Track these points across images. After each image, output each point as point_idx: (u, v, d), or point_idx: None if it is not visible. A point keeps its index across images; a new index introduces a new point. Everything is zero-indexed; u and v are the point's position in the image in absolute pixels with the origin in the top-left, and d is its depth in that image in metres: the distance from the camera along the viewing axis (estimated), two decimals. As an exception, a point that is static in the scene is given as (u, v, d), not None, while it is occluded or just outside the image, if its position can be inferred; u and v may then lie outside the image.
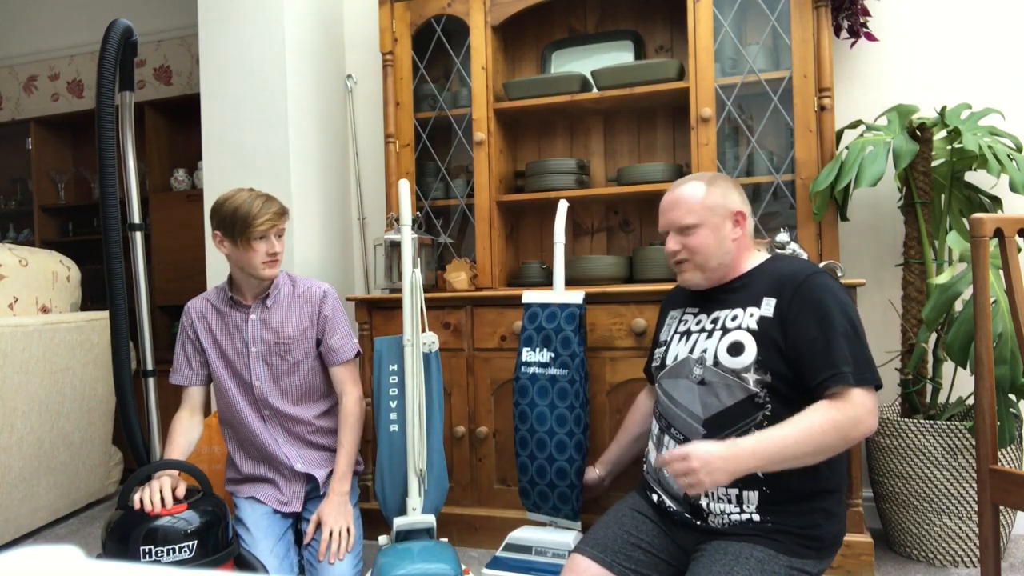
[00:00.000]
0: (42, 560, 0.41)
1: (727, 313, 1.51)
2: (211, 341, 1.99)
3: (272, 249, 1.89)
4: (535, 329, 2.03)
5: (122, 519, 1.64)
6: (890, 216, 2.40)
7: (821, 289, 1.42)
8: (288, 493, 1.97)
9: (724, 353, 1.45)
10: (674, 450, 1.31)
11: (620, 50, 2.60)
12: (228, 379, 1.97)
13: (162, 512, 1.62)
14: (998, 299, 1.73)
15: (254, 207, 1.87)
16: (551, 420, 1.97)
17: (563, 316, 1.99)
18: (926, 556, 2.08)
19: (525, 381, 2.01)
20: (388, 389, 1.93)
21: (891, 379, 2.30)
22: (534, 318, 2.04)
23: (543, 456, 1.97)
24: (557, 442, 1.95)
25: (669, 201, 1.57)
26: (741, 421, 1.42)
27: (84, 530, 2.66)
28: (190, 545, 1.61)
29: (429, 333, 1.90)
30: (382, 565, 1.68)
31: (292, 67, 2.56)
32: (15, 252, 2.64)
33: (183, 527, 1.62)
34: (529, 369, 2.01)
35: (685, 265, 1.55)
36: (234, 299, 1.98)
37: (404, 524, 1.83)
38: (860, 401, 1.33)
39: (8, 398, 2.39)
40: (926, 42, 2.40)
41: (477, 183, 2.48)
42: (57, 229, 4.05)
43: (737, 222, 1.54)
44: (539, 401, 1.99)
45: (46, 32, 4.20)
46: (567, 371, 1.96)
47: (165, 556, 1.58)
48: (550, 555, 1.85)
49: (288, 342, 1.96)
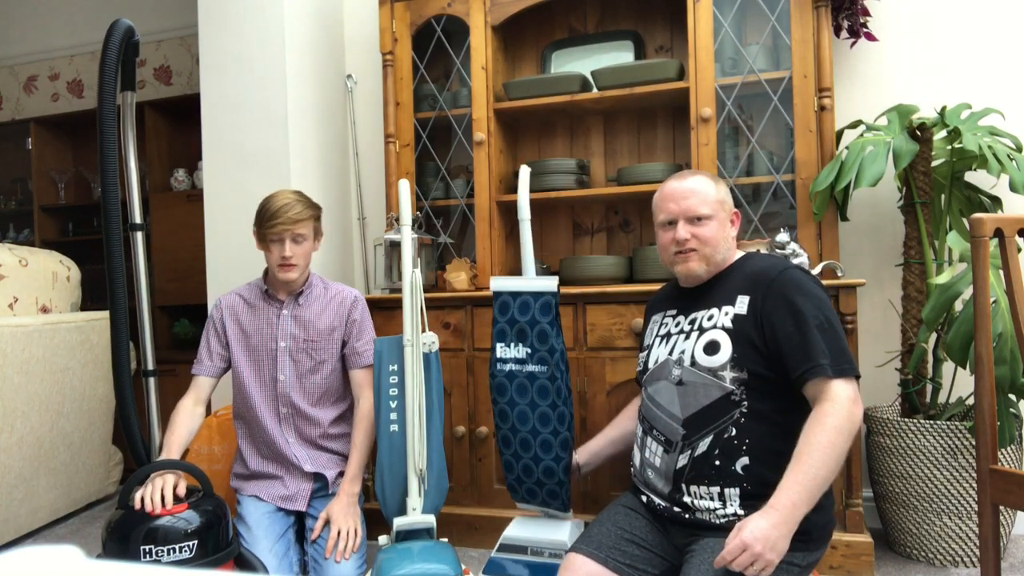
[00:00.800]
0: (42, 560, 0.41)
1: (703, 313, 1.53)
2: (239, 335, 2.01)
3: (283, 253, 1.91)
4: (507, 322, 1.88)
5: (122, 519, 1.64)
6: (890, 216, 2.40)
7: (794, 284, 1.43)
8: (294, 489, 1.97)
9: (700, 352, 1.47)
10: (730, 546, 1.27)
11: (620, 50, 2.60)
12: (249, 374, 1.99)
13: (162, 512, 1.62)
14: (998, 299, 1.73)
15: (274, 207, 1.91)
16: (533, 419, 1.85)
17: (537, 306, 1.85)
18: (926, 556, 2.08)
19: (502, 379, 1.88)
20: (388, 389, 1.93)
21: (891, 379, 2.30)
22: (505, 309, 1.89)
23: (528, 456, 1.87)
24: (542, 441, 1.85)
25: (681, 190, 1.56)
26: (719, 419, 1.44)
27: (84, 530, 2.66)
28: (190, 545, 1.61)
29: (429, 333, 1.90)
30: (382, 564, 1.68)
31: (292, 67, 2.56)
32: (15, 252, 2.64)
33: (183, 527, 1.62)
34: (505, 366, 1.87)
35: (692, 255, 1.54)
36: (268, 293, 2.02)
37: (404, 524, 1.83)
38: (843, 394, 1.34)
39: (8, 398, 2.39)
40: (926, 42, 2.40)
41: (477, 183, 2.48)
42: (57, 229, 4.05)
43: (733, 222, 1.59)
44: (518, 400, 1.86)
45: (46, 32, 4.20)
46: (546, 367, 1.83)
47: (165, 556, 1.58)
48: (547, 555, 1.82)
49: (317, 340, 2.00)
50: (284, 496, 1.96)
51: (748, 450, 1.42)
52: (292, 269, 1.94)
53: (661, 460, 1.52)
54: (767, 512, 1.29)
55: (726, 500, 1.42)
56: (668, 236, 1.57)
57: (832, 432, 1.31)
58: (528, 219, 1.93)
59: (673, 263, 1.58)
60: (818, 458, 1.30)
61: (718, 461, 1.43)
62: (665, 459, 1.51)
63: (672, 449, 1.49)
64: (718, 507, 1.43)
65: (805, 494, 1.29)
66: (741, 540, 1.26)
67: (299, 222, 1.91)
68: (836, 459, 1.31)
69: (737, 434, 1.43)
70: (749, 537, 1.26)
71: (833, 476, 1.32)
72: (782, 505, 1.28)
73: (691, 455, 1.46)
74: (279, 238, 1.91)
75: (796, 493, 1.29)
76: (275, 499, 1.95)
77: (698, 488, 1.45)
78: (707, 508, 1.44)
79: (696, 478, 1.45)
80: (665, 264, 1.62)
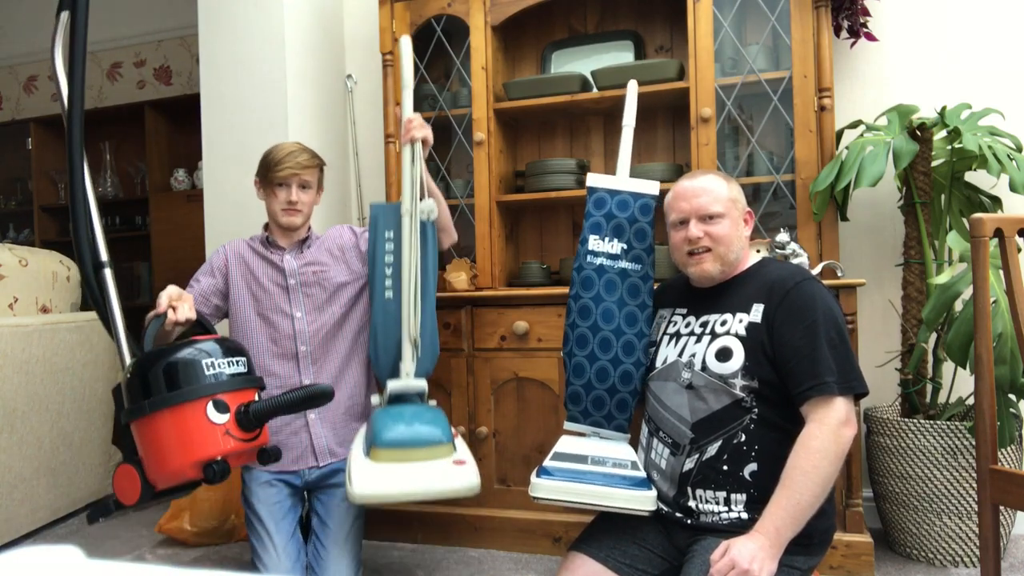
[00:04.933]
0: (42, 560, 0.41)
1: (717, 318, 1.51)
2: (246, 278, 1.99)
3: (290, 197, 1.93)
4: (604, 216, 1.75)
5: (162, 350, 1.46)
6: (890, 216, 2.40)
7: (808, 296, 1.42)
8: (299, 448, 1.93)
9: (712, 358, 1.46)
10: (718, 565, 1.29)
11: (620, 50, 2.60)
12: (254, 319, 1.96)
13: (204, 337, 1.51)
14: (998, 299, 1.73)
15: (280, 153, 1.93)
16: (619, 318, 1.69)
17: (637, 206, 1.74)
18: (926, 556, 2.08)
19: (590, 272, 1.72)
20: (384, 256, 1.93)
21: (891, 379, 2.30)
22: (601, 204, 1.77)
23: (607, 357, 1.68)
24: (624, 343, 1.67)
25: (693, 189, 1.54)
26: (729, 425, 1.43)
27: (84, 530, 2.66)
28: (241, 360, 1.50)
29: (428, 200, 1.83)
30: (376, 426, 1.68)
31: (292, 67, 2.56)
32: (15, 252, 2.64)
33: (231, 344, 1.52)
34: (596, 259, 1.72)
35: (706, 255, 1.52)
36: (270, 240, 2.02)
37: (397, 388, 1.83)
38: (832, 416, 1.34)
39: (8, 398, 2.39)
40: (926, 42, 2.40)
41: (477, 183, 2.48)
42: (57, 229, 4.05)
43: (746, 221, 1.57)
44: (606, 296, 1.71)
45: (46, 32, 4.19)
46: (641, 266, 1.71)
47: (227, 367, 1.46)
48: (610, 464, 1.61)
49: (327, 265, 2.00)
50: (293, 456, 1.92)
51: (757, 456, 1.42)
52: (296, 214, 1.95)
53: (667, 462, 1.51)
54: (753, 536, 1.30)
55: (731, 505, 1.42)
56: (680, 236, 1.54)
57: (816, 456, 1.32)
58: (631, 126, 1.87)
59: (686, 264, 1.55)
60: (802, 483, 1.31)
61: (726, 466, 1.43)
62: (671, 461, 1.50)
63: (679, 452, 1.49)
64: (723, 511, 1.42)
65: (790, 520, 1.31)
66: (731, 558, 1.27)
67: (307, 168, 1.94)
68: (821, 483, 1.32)
69: (747, 440, 1.42)
70: (737, 555, 1.27)
71: (820, 499, 1.33)
72: (767, 530, 1.30)
73: (699, 459, 1.45)
74: (286, 183, 1.92)
75: (780, 519, 1.31)
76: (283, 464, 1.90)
77: (704, 492, 1.44)
78: (711, 511, 1.43)
79: (702, 482, 1.45)
80: (678, 265, 1.59)
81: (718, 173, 1.58)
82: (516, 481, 2.29)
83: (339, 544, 1.89)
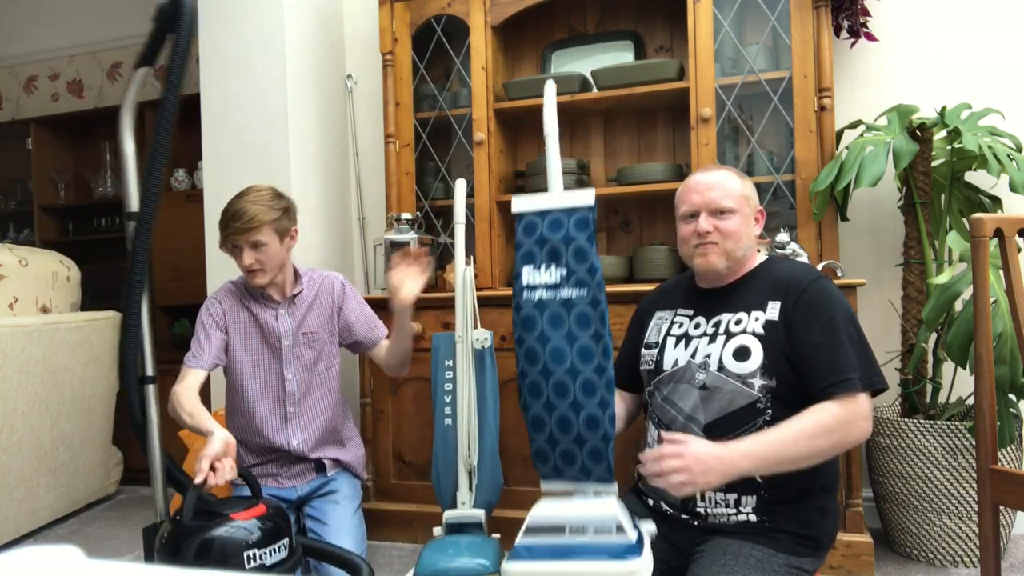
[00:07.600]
0: (42, 560, 0.41)
1: (730, 317, 1.49)
2: (242, 332, 1.96)
3: (242, 263, 1.85)
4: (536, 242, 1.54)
5: (200, 529, 1.40)
6: (890, 216, 2.40)
7: (825, 293, 1.41)
8: (290, 473, 1.97)
9: (730, 358, 1.44)
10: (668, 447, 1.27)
11: (620, 50, 2.60)
12: (250, 375, 1.96)
13: (241, 516, 1.44)
14: (998, 299, 1.73)
15: (227, 214, 1.84)
16: (572, 356, 1.45)
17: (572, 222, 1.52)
18: (926, 556, 2.08)
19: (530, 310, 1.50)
20: (443, 384, 1.93)
21: (891, 379, 2.30)
22: (531, 229, 1.55)
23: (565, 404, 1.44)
24: (583, 383, 1.42)
25: (705, 182, 1.53)
26: (742, 426, 1.41)
27: (84, 530, 2.66)
28: (282, 545, 1.46)
29: (482, 330, 1.87)
30: (422, 555, 1.68)
31: (292, 67, 2.56)
32: (15, 252, 2.64)
33: (271, 527, 1.45)
34: (534, 293, 1.50)
35: (713, 248, 1.50)
36: (263, 294, 1.95)
37: (452, 517, 1.83)
38: (857, 408, 1.33)
39: (8, 398, 2.39)
40: (926, 42, 2.40)
41: (477, 183, 2.48)
42: (57, 229, 4.05)
43: (757, 220, 1.55)
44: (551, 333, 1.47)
45: (46, 32, 4.20)
46: (586, 290, 1.45)
47: (268, 557, 1.41)
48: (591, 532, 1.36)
49: (317, 331, 1.99)
50: (284, 477, 1.96)
51: None
52: (259, 275, 1.87)
53: None
54: (720, 444, 1.29)
55: (741, 507, 1.41)
56: (689, 228, 1.53)
57: (819, 427, 1.30)
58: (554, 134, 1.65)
59: (692, 256, 1.54)
60: (796, 442, 1.29)
61: None
62: None
63: None
64: (731, 512, 1.41)
65: (760, 457, 1.29)
66: (680, 449, 1.25)
67: (252, 230, 1.81)
68: (810, 454, 1.30)
69: None
70: (688, 450, 1.25)
71: (796, 464, 1.31)
72: (734, 449, 1.28)
73: None
74: (237, 245, 1.84)
75: (755, 450, 1.29)
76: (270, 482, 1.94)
77: (713, 494, 1.42)
78: (720, 513, 1.42)
79: None
80: (684, 257, 1.58)
81: (732, 169, 1.56)
82: (517, 481, 2.29)
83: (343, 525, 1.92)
